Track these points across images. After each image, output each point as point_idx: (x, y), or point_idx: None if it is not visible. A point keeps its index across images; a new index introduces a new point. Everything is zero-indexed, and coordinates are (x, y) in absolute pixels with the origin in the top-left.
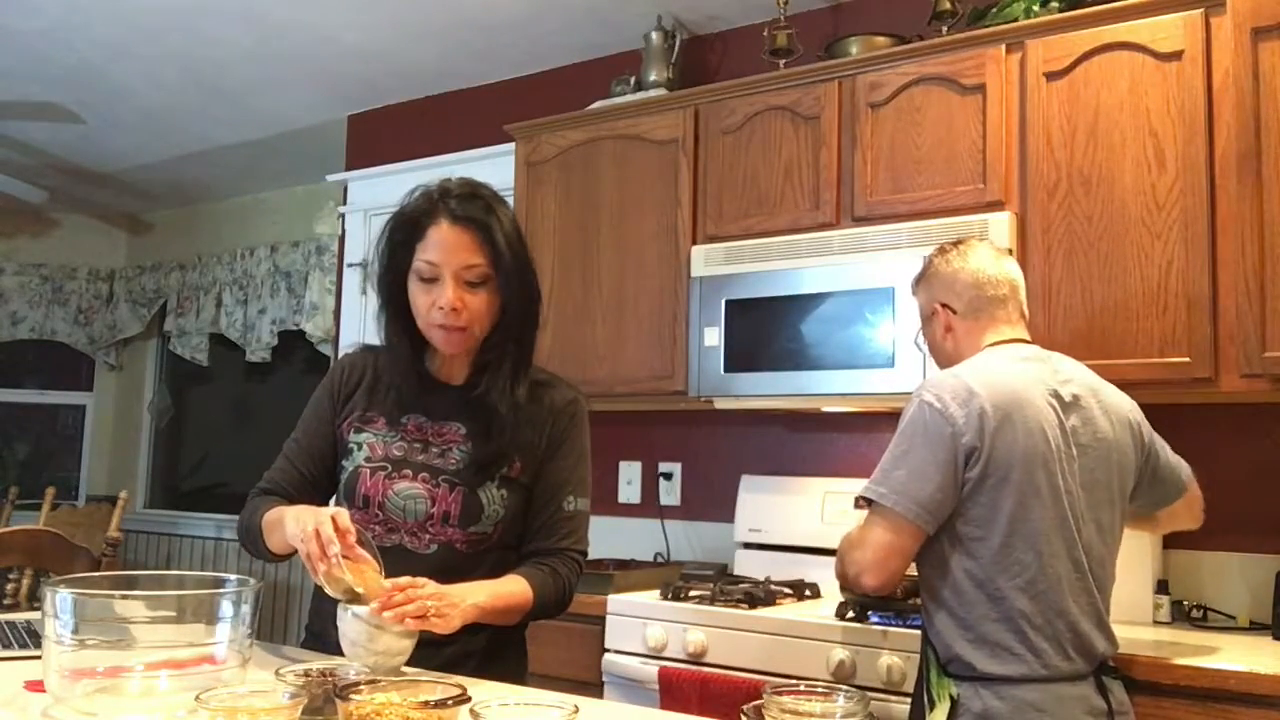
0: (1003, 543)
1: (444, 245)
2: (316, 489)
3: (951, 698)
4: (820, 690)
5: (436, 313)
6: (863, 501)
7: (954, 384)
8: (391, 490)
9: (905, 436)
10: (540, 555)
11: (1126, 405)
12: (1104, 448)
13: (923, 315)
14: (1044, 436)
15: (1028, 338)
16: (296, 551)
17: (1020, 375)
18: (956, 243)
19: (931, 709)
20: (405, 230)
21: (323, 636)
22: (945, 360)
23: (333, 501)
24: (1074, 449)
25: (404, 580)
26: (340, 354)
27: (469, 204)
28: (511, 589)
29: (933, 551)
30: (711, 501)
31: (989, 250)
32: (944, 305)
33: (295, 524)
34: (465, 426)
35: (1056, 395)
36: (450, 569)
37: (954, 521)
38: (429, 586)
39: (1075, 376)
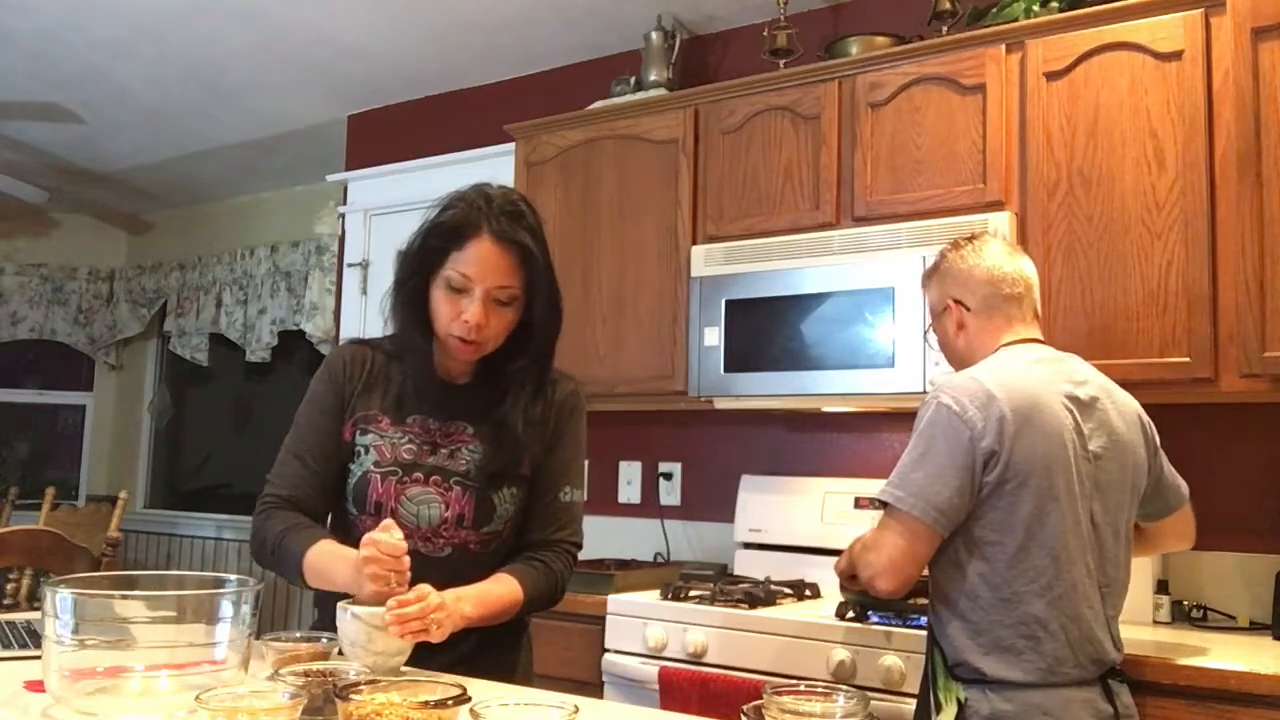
0: (1019, 547)
1: (482, 262)
2: (332, 489)
3: (959, 701)
4: (820, 690)
5: (459, 325)
6: (877, 503)
7: (972, 387)
8: (404, 496)
9: (923, 439)
10: (535, 548)
11: (1135, 405)
12: (1119, 449)
13: (933, 310)
14: (1061, 441)
15: (1041, 337)
16: None
17: (1038, 378)
18: (970, 237)
19: (939, 712)
20: (444, 238)
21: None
22: (956, 357)
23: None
24: (1090, 452)
25: (411, 594)
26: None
27: (514, 224)
28: (500, 592)
29: (947, 555)
30: (711, 501)
31: (1003, 246)
32: (957, 301)
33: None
34: (472, 426)
35: (1073, 398)
36: (464, 569)
37: (970, 525)
38: (432, 596)
39: (1090, 378)
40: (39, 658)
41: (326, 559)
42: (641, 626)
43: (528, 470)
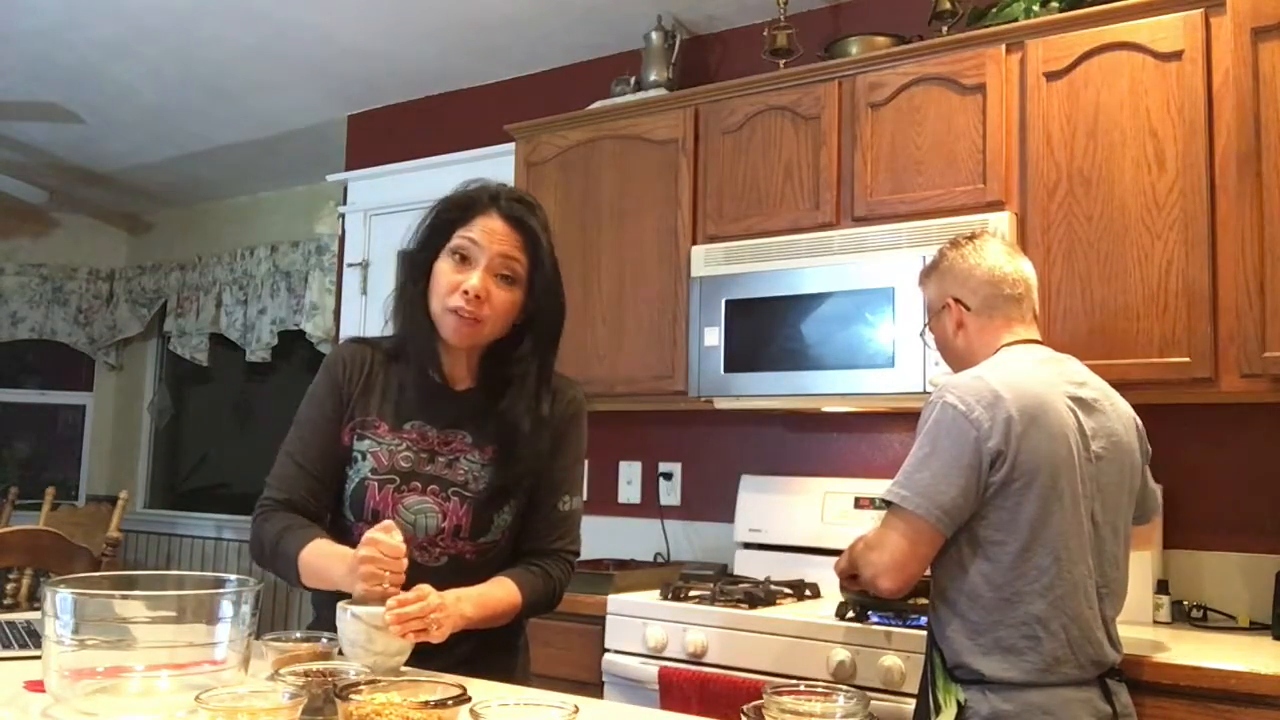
0: (1023, 548)
1: (490, 231)
2: (330, 491)
3: (958, 702)
4: (820, 690)
5: (458, 296)
6: (881, 502)
7: (978, 386)
8: (401, 505)
9: (928, 439)
10: (534, 555)
11: (1130, 409)
12: (1118, 451)
13: (931, 309)
14: (1066, 442)
15: (1040, 338)
16: None
17: (1043, 379)
18: (970, 236)
19: (938, 713)
20: (453, 212)
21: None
22: (954, 357)
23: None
24: (1091, 453)
25: (411, 594)
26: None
27: (523, 208)
28: (499, 595)
29: (949, 555)
30: (711, 501)
31: (1003, 246)
32: (957, 300)
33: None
34: (471, 435)
35: (1076, 399)
36: (459, 578)
37: (974, 525)
38: (432, 596)
39: (1089, 380)
40: (39, 658)
41: (322, 557)
42: (641, 626)
43: (528, 481)
